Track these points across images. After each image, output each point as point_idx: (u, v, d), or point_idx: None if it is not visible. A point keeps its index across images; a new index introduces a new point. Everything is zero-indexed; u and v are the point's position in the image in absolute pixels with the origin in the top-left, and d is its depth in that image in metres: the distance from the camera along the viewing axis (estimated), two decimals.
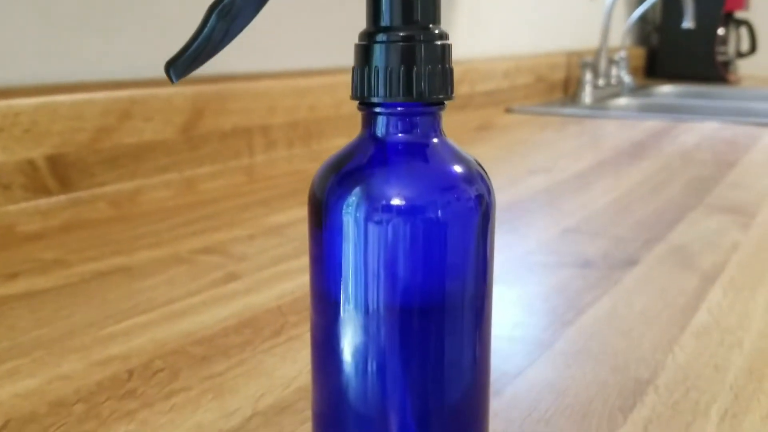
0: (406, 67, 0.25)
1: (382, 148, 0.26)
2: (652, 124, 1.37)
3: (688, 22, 1.59)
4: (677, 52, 2.27)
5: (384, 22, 0.25)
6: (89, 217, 0.67)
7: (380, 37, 0.25)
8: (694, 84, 2.11)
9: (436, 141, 0.26)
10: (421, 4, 0.25)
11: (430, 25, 0.25)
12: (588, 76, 1.66)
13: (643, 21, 2.35)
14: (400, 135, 0.26)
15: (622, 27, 2.02)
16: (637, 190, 0.84)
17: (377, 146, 0.26)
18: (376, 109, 0.26)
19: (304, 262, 0.37)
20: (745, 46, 2.36)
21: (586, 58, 1.68)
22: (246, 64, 0.88)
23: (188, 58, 0.25)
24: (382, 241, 0.25)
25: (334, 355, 0.27)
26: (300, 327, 0.45)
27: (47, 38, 0.68)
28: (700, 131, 1.27)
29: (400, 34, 0.25)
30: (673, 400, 0.37)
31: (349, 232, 0.25)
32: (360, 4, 0.26)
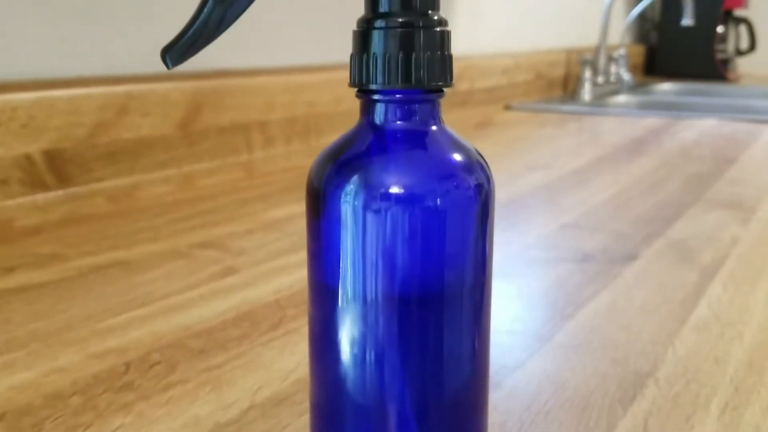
0: (405, 54, 0.24)
1: (381, 136, 0.26)
2: (651, 121, 1.37)
3: (688, 20, 1.59)
4: (676, 50, 2.27)
5: (382, 8, 0.25)
6: (87, 212, 0.67)
7: (378, 23, 0.25)
8: (693, 82, 2.11)
9: (435, 129, 0.26)
10: None
11: (429, 11, 0.25)
12: (587, 74, 1.66)
13: (643, 18, 2.35)
14: (398, 123, 0.26)
15: (622, 24, 2.02)
16: (637, 186, 0.83)
17: (376, 134, 0.26)
18: (375, 97, 0.25)
19: (302, 256, 0.37)
20: (745, 44, 2.37)
21: (586, 56, 1.68)
22: (244, 60, 0.88)
23: (185, 44, 0.25)
24: (381, 231, 0.25)
25: (332, 347, 0.26)
26: (298, 320, 0.45)
27: (45, 33, 0.68)
28: (699, 128, 1.27)
29: (399, 20, 0.24)
30: (674, 393, 0.37)
31: (347, 222, 0.25)
32: (357, 0, 0.26)
